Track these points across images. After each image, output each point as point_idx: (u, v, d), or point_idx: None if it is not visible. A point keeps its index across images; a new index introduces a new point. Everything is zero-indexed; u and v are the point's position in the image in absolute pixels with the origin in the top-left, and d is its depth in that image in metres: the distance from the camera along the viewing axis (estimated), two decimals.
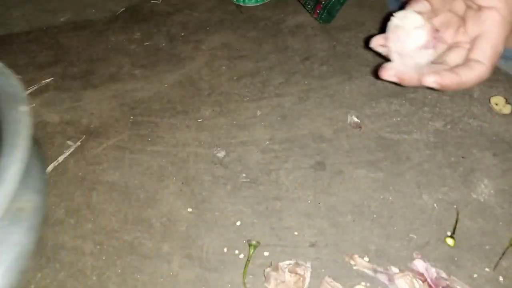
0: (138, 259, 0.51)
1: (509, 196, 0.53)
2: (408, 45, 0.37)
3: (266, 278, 0.48)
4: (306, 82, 0.66)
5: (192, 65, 0.71)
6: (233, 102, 0.65)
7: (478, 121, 0.60)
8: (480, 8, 0.37)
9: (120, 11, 0.82)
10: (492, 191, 0.53)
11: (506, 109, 0.61)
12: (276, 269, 0.48)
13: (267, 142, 0.60)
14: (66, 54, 0.75)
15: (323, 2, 0.67)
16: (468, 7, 0.39)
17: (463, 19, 0.40)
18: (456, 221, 0.51)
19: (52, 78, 0.72)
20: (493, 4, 0.36)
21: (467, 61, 0.37)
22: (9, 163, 0.39)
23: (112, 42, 0.77)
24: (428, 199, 0.53)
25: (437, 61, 0.39)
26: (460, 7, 0.40)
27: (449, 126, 0.59)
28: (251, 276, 0.49)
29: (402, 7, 0.39)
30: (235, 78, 0.68)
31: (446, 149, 0.57)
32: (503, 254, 0.48)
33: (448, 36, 0.41)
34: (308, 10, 0.70)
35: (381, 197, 0.54)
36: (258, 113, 0.64)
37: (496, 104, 0.61)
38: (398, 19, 0.37)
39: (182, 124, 0.64)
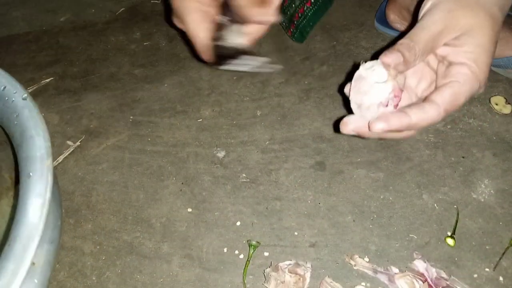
0: (138, 259, 0.51)
1: (509, 196, 0.53)
2: (368, 99, 0.36)
3: (266, 279, 0.48)
4: (306, 82, 0.66)
5: (192, 65, 0.71)
6: (233, 102, 0.65)
7: (478, 121, 0.60)
8: (450, 63, 0.37)
9: (120, 11, 0.82)
10: (492, 191, 0.53)
11: (506, 109, 0.61)
12: (276, 269, 0.48)
13: (267, 142, 0.60)
14: (66, 54, 0.75)
15: (295, 22, 0.67)
16: (440, 62, 0.39)
17: (436, 74, 0.40)
18: (456, 221, 0.51)
19: (52, 78, 0.72)
20: (463, 60, 0.36)
21: (422, 103, 0.36)
22: (26, 240, 0.35)
23: (112, 42, 0.77)
24: (428, 199, 0.53)
25: None
26: (433, 62, 0.40)
27: (449, 126, 0.59)
28: (251, 276, 0.49)
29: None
30: (235, 78, 0.68)
31: (446, 149, 0.57)
32: (503, 254, 0.48)
33: (419, 90, 0.41)
34: (283, 28, 0.70)
35: (381, 197, 0.54)
36: (258, 113, 0.63)
37: (496, 104, 0.61)
38: (364, 70, 0.36)
39: (182, 124, 0.64)
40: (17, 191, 0.38)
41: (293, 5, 0.67)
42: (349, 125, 0.37)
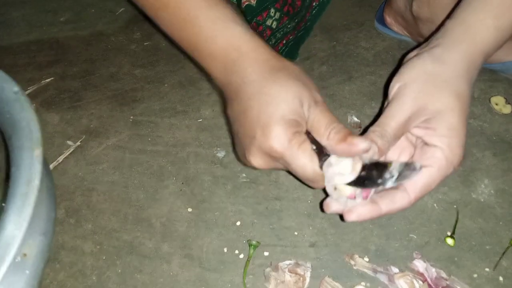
0: (138, 259, 0.51)
1: (509, 196, 0.53)
2: (336, 192, 0.37)
3: (266, 278, 0.48)
4: None
5: (192, 65, 0.71)
6: None
7: (478, 121, 0.60)
8: (426, 143, 0.38)
9: (120, 11, 0.82)
10: (492, 191, 0.53)
11: (506, 109, 0.61)
12: (276, 269, 0.48)
13: None
14: (66, 54, 0.75)
15: (285, 41, 0.67)
16: (418, 137, 0.40)
17: (414, 148, 0.41)
18: (456, 221, 0.51)
19: (52, 78, 0.72)
20: (437, 144, 0.37)
21: (391, 191, 0.37)
22: (14, 227, 0.34)
23: (112, 42, 0.77)
24: (428, 199, 0.53)
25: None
26: (411, 136, 0.41)
27: None
28: (251, 276, 0.49)
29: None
30: None
31: None
32: (503, 254, 0.48)
33: (402, 160, 0.41)
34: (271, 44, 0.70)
35: None
36: None
37: (496, 104, 0.61)
38: (334, 158, 0.36)
39: (182, 124, 0.64)
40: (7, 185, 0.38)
41: (273, 40, 0.67)
42: (331, 208, 0.38)
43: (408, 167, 0.34)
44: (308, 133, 0.38)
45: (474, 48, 0.39)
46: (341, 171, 0.36)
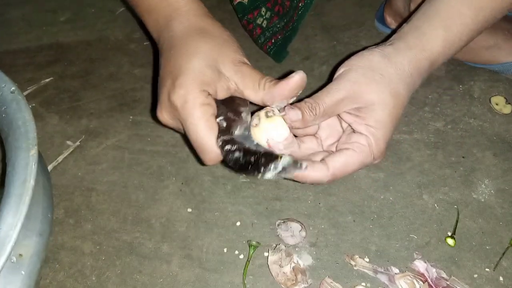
0: (137, 259, 0.51)
1: (510, 196, 0.52)
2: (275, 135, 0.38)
3: (269, 267, 0.48)
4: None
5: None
6: None
7: (479, 121, 0.60)
8: (353, 130, 0.40)
9: (120, 10, 0.82)
10: (492, 191, 0.53)
11: (506, 109, 0.61)
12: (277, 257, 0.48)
13: None
14: (66, 53, 0.75)
15: (273, 40, 0.67)
16: (347, 123, 0.42)
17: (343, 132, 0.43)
18: (457, 221, 0.51)
19: (51, 78, 0.72)
20: (363, 132, 0.39)
21: (316, 161, 0.39)
22: (8, 227, 0.34)
23: (111, 41, 0.77)
24: (429, 199, 0.53)
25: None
26: (344, 123, 0.43)
27: (449, 126, 0.59)
28: (251, 277, 0.49)
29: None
30: None
31: (446, 149, 0.57)
32: (504, 254, 0.48)
33: (326, 143, 0.44)
34: (258, 46, 0.70)
35: (382, 197, 0.53)
36: None
37: (497, 104, 0.61)
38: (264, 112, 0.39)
39: None
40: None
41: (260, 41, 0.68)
42: None
43: (294, 164, 0.37)
44: (221, 104, 0.39)
45: (422, 57, 0.41)
46: (274, 128, 0.38)
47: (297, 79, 0.37)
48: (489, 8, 0.42)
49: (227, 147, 0.37)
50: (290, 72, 0.38)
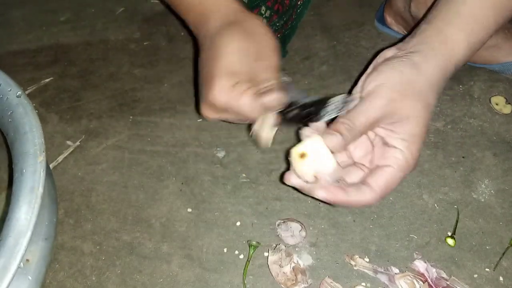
0: (137, 259, 0.51)
1: (510, 196, 0.52)
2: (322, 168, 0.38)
3: (270, 267, 0.48)
4: (306, 82, 0.66)
5: (192, 65, 0.71)
6: None
7: (479, 121, 0.60)
8: (387, 144, 0.40)
9: (120, 10, 0.82)
10: (492, 191, 0.53)
11: (506, 109, 0.61)
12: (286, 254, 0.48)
13: None
14: (66, 53, 0.75)
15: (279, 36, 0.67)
16: (376, 135, 0.41)
17: (372, 145, 0.43)
18: (457, 221, 0.51)
19: (51, 78, 0.72)
20: (398, 146, 0.39)
21: (360, 184, 0.39)
22: (18, 235, 0.34)
23: (111, 41, 0.77)
24: (429, 199, 0.53)
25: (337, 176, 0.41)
26: (370, 133, 0.42)
27: (449, 126, 0.59)
28: (251, 277, 0.49)
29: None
30: None
31: (446, 149, 0.57)
32: (503, 254, 0.48)
33: (356, 155, 0.43)
34: None
35: None
36: None
37: (497, 104, 0.61)
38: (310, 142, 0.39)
39: (182, 124, 0.63)
40: (11, 189, 0.38)
41: None
42: (292, 180, 0.40)
43: (348, 99, 0.39)
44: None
45: (449, 62, 0.41)
46: (320, 161, 0.38)
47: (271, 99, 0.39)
48: (509, 7, 0.41)
49: (285, 108, 0.41)
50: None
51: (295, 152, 0.38)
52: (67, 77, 0.72)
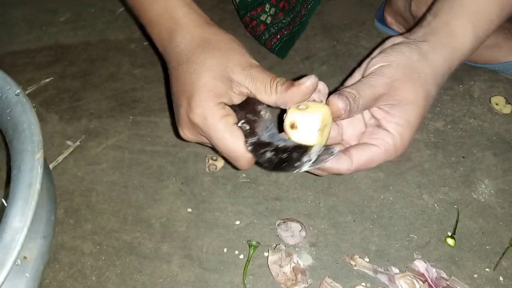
0: (137, 260, 0.51)
1: (510, 196, 0.52)
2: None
3: (270, 267, 0.48)
4: None
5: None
6: None
7: (479, 121, 0.60)
8: (380, 125, 0.40)
9: (120, 10, 0.82)
10: (492, 191, 0.53)
11: (506, 109, 0.61)
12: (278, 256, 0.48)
13: None
14: (66, 53, 0.75)
15: (279, 36, 0.67)
16: (372, 118, 0.42)
17: (365, 126, 0.43)
18: (457, 221, 0.51)
19: (51, 78, 0.72)
20: (391, 130, 0.39)
21: (341, 154, 0.38)
22: (15, 231, 0.34)
23: (111, 41, 0.77)
24: (429, 199, 0.53)
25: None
26: (366, 114, 0.43)
27: (449, 126, 0.59)
28: (251, 277, 0.49)
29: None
30: None
31: (446, 149, 0.57)
32: (503, 254, 0.48)
33: (347, 133, 0.44)
34: (261, 43, 0.69)
35: (382, 197, 0.53)
36: None
37: (497, 104, 0.61)
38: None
39: None
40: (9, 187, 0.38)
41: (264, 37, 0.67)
42: None
43: (326, 151, 0.36)
44: (238, 108, 0.39)
45: (455, 56, 0.41)
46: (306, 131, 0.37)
47: (309, 84, 0.37)
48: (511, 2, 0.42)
49: (257, 149, 0.37)
50: (301, 76, 0.38)
51: (288, 120, 0.37)
52: (67, 77, 0.72)
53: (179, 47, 0.41)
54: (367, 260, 0.49)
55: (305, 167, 0.36)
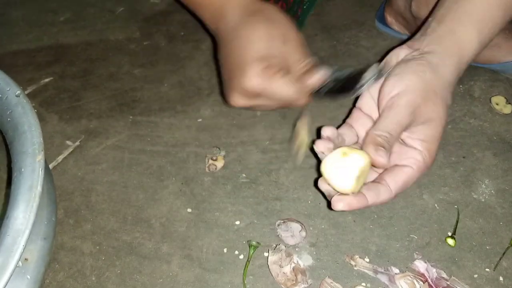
0: (137, 260, 0.51)
1: (510, 196, 0.52)
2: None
3: (269, 267, 0.48)
4: None
5: (192, 65, 0.71)
6: None
7: (479, 121, 0.59)
8: (406, 144, 0.41)
9: (120, 10, 0.82)
10: (492, 191, 0.53)
11: (506, 109, 0.60)
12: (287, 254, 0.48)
13: (267, 142, 0.60)
14: (66, 53, 0.75)
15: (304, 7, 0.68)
16: (401, 140, 0.42)
17: None
18: (457, 221, 0.51)
19: (51, 78, 0.72)
20: (418, 147, 0.40)
21: (376, 185, 0.40)
22: (16, 234, 0.34)
23: (111, 41, 0.77)
24: (429, 199, 0.53)
25: None
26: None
27: (449, 126, 0.59)
28: (251, 277, 0.48)
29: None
30: None
31: (446, 149, 0.57)
32: (504, 254, 0.48)
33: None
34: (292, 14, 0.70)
35: None
36: (258, 113, 0.63)
37: (497, 104, 0.61)
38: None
39: (182, 124, 0.63)
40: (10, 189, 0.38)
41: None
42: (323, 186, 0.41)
43: (379, 71, 0.42)
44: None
45: (462, 62, 0.42)
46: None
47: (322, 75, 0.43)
48: None
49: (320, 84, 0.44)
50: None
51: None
52: (67, 77, 0.72)
53: (229, 24, 0.44)
54: (367, 260, 0.49)
55: (364, 89, 0.42)
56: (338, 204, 0.38)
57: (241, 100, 0.44)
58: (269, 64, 0.42)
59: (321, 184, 0.40)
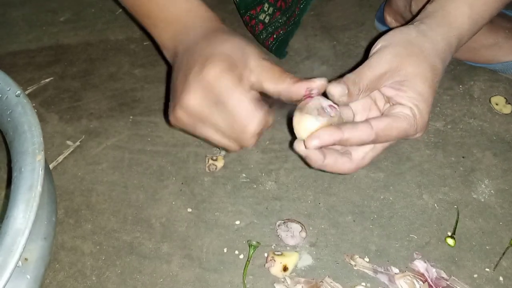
0: (137, 259, 0.51)
1: (510, 196, 0.52)
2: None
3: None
4: None
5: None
6: None
7: (479, 121, 0.60)
8: (395, 104, 0.40)
9: (120, 10, 0.82)
10: (492, 191, 0.53)
11: (506, 109, 0.60)
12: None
13: (267, 142, 0.60)
14: (66, 53, 0.75)
15: (275, 36, 0.67)
16: (386, 102, 0.42)
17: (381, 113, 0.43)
18: (457, 221, 0.51)
19: (51, 78, 0.72)
20: (407, 103, 0.39)
21: (355, 122, 0.39)
22: (16, 233, 0.34)
23: (111, 41, 0.77)
24: (429, 199, 0.53)
25: None
26: (380, 102, 0.43)
27: (449, 126, 0.59)
28: (251, 277, 0.49)
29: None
30: None
31: (446, 149, 0.57)
32: (503, 254, 0.48)
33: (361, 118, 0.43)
34: (260, 42, 0.69)
35: (382, 197, 0.53)
36: None
37: (497, 104, 0.61)
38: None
39: None
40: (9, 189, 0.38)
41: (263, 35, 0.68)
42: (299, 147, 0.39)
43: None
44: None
45: (451, 33, 0.42)
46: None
47: (318, 83, 0.38)
48: None
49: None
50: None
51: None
52: (67, 77, 0.72)
53: (197, 36, 0.42)
54: (367, 260, 0.49)
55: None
56: (310, 142, 0.36)
57: (195, 100, 0.39)
58: (230, 64, 0.38)
59: (296, 145, 0.39)
